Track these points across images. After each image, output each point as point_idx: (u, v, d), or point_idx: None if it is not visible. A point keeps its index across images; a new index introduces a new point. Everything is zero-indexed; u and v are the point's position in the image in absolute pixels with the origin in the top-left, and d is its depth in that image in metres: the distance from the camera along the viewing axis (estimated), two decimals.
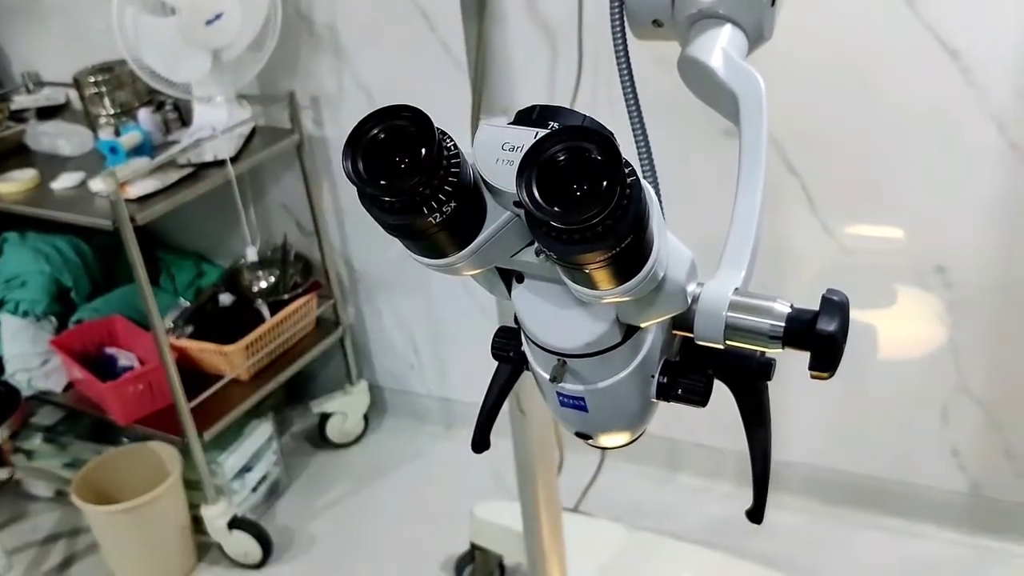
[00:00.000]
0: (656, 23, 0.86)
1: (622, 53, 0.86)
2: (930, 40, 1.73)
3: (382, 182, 0.51)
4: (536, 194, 0.48)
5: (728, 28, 0.80)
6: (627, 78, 0.86)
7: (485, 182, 0.55)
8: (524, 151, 0.50)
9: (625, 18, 0.87)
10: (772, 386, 0.71)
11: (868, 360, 2.07)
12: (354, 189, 0.52)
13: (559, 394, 0.67)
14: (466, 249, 0.56)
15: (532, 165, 0.49)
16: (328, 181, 2.44)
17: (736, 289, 0.65)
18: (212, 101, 2.15)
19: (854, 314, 0.66)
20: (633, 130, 0.83)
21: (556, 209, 0.48)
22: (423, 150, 0.51)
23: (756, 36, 0.82)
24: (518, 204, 0.54)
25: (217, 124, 2.13)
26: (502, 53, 1.44)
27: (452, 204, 0.52)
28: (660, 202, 0.79)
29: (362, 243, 2.52)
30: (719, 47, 0.78)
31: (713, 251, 0.71)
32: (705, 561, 2.00)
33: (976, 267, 1.90)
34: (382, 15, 2.16)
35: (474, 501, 2.17)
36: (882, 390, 2.10)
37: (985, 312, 1.94)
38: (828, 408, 2.18)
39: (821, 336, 0.62)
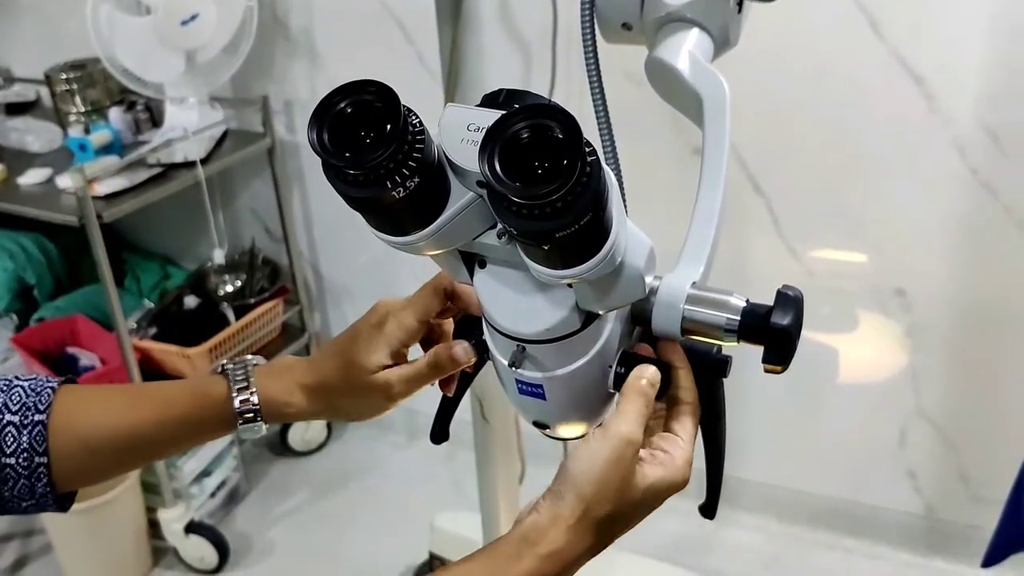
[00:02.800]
0: (625, 26, 0.88)
1: (591, 56, 0.88)
2: (895, 66, 1.76)
3: (347, 154, 0.51)
4: (498, 168, 0.49)
5: (695, 32, 0.82)
6: (596, 81, 0.88)
7: (450, 161, 0.56)
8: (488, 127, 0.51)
9: (595, 21, 0.89)
10: (731, 405, 0.72)
11: (827, 381, 2.09)
12: (324, 196, 0.53)
13: (518, 381, 0.68)
14: (429, 227, 0.57)
15: (495, 140, 0.50)
16: (298, 187, 2.43)
17: (694, 283, 0.67)
18: (184, 102, 2.15)
19: (816, 336, 0.67)
20: (599, 128, 0.85)
21: (517, 183, 0.49)
22: (388, 125, 0.51)
23: (722, 41, 0.84)
24: (481, 184, 0.55)
25: (188, 125, 2.13)
26: (476, 62, 1.46)
27: (416, 180, 0.53)
28: (624, 198, 0.80)
29: (330, 250, 2.52)
30: (686, 50, 0.80)
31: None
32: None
33: (935, 291, 1.93)
34: (358, 23, 2.17)
35: (435, 511, 2.17)
36: (841, 411, 2.13)
37: (943, 336, 1.97)
38: (787, 428, 2.20)
39: (775, 330, 0.63)
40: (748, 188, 1.97)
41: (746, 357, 0.73)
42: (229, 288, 2.46)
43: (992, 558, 1.49)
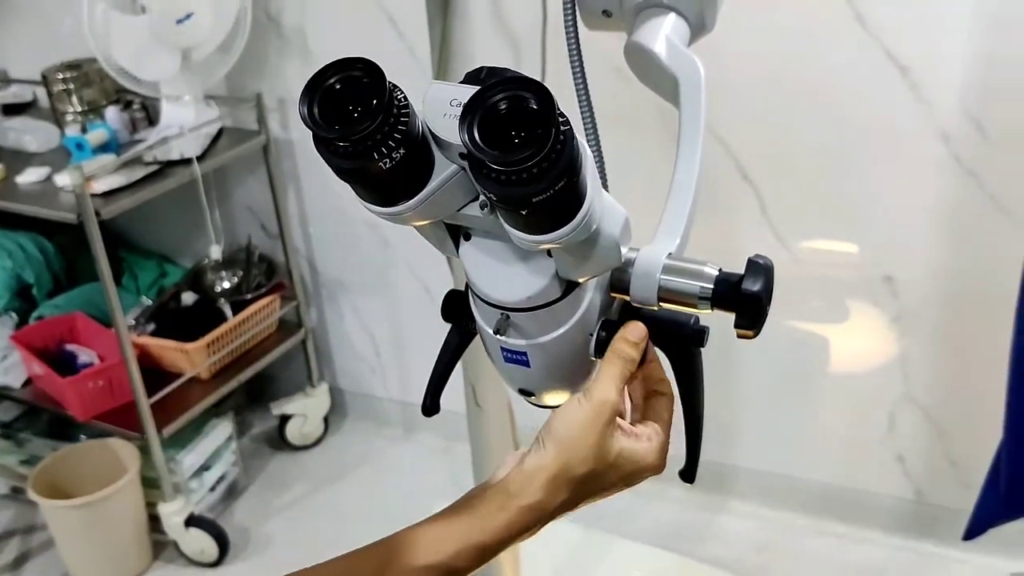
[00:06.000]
0: (606, 13, 0.91)
1: (573, 42, 0.91)
2: (880, 55, 1.79)
3: (336, 127, 0.55)
4: (477, 136, 0.52)
5: (672, 17, 0.85)
6: (578, 67, 0.91)
7: (434, 135, 0.59)
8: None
9: (577, 9, 0.92)
10: (724, 393, 0.76)
11: (817, 368, 2.12)
12: (319, 192, 0.56)
13: (503, 349, 0.71)
14: (415, 198, 0.60)
15: (474, 111, 0.53)
16: (293, 183, 2.46)
17: (670, 254, 0.70)
18: (180, 100, 2.18)
19: (804, 323, 0.70)
20: (582, 113, 0.88)
21: (494, 150, 0.52)
22: (374, 99, 0.55)
23: (699, 26, 0.87)
24: (463, 156, 0.59)
25: (184, 123, 2.15)
26: (465, 55, 1.48)
27: (401, 151, 0.56)
28: (605, 178, 0.83)
29: (326, 246, 2.55)
30: (663, 34, 0.83)
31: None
32: (656, 561, 2.04)
33: (923, 277, 1.96)
34: (350, 20, 2.20)
35: (432, 503, 2.19)
36: (830, 397, 2.16)
37: (931, 321, 2.00)
38: (777, 415, 2.23)
39: (746, 296, 0.66)
40: (736, 177, 2.00)
41: (739, 347, 0.77)
42: (226, 284, 2.49)
43: (973, 531, 1.52)
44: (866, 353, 2.10)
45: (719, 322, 0.73)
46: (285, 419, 2.64)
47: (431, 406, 0.84)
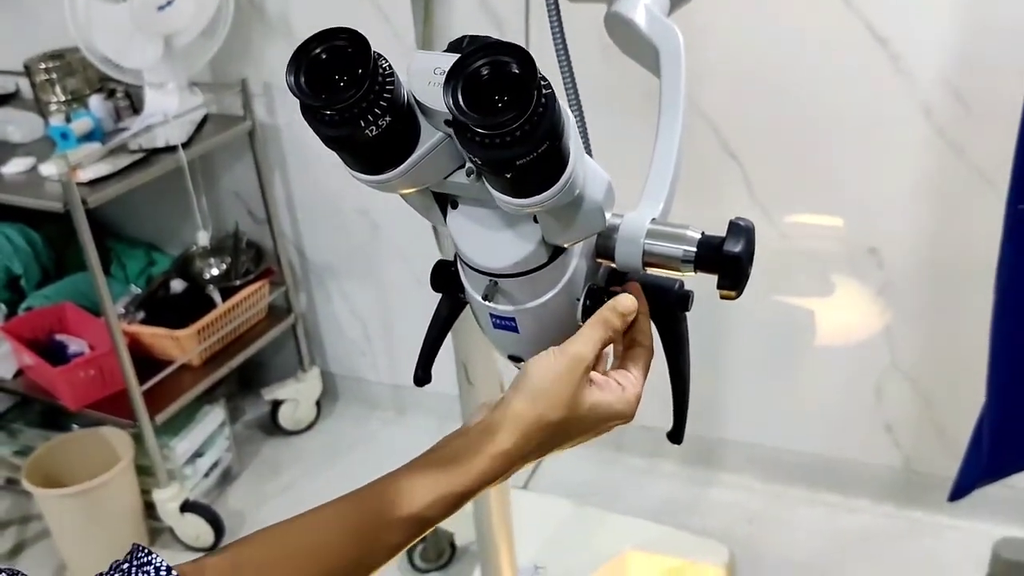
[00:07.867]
0: None
1: (555, 16, 0.92)
2: (861, 28, 1.81)
3: (322, 96, 0.56)
4: (461, 101, 0.54)
5: None
6: (560, 40, 0.92)
7: (419, 104, 0.60)
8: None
9: None
10: (714, 367, 0.77)
11: (805, 340, 2.14)
12: (306, 177, 0.57)
13: (492, 316, 0.72)
14: (402, 166, 0.61)
15: (458, 76, 0.54)
16: (280, 169, 2.47)
17: (654, 219, 0.71)
18: (164, 87, 2.18)
19: (792, 296, 0.71)
20: (565, 87, 0.89)
21: (477, 114, 0.53)
22: (359, 68, 0.56)
23: None
24: (448, 123, 0.60)
25: (168, 110, 2.15)
26: (449, 36, 1.49)
27: (387, 119, 0.57)
28: (589, 146, 0.84)
29: (314, 231, 2.55)
30: (642, 4, 0.84)
31: None
32: (648, 534, 2.06)
33: (906, 248, 1.98)
34: (334, 3, 2.20)
35: None
36: (818, 369, 2.18)
37: (915, 292, 2.02)
38: (766, 388, 2.25)
39: (728, 257, 0.67)
40: (722, 153, 2.01)
41: (728, 322, 0.78)
42: (215, 271, 2.49)
43: (957, 493, 1.55)
44: (852, 324, 2.12)
45: (709, 298, 0.74)
46: (277, 404, 2.65)
47: (423, 376, 0.85)
